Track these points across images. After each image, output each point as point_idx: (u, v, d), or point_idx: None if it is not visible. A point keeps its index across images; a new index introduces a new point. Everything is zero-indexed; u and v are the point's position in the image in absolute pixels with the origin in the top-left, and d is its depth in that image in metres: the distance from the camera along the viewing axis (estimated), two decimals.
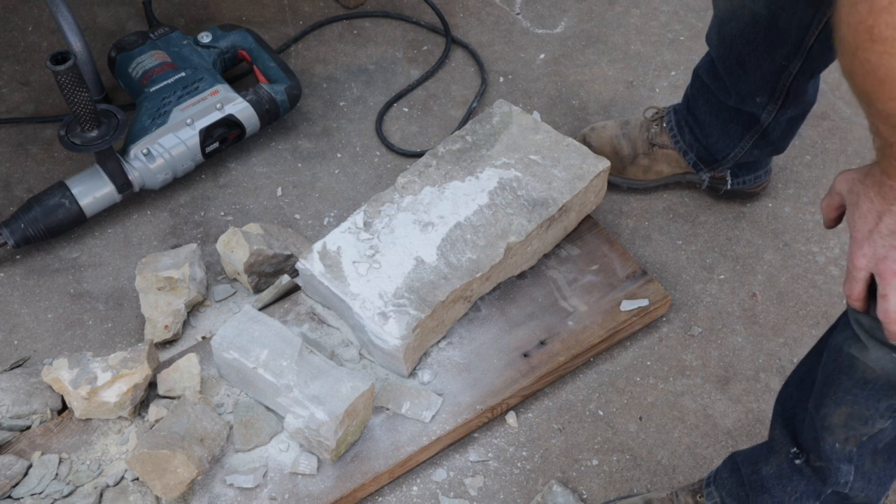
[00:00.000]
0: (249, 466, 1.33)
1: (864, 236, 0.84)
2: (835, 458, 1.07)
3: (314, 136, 1.86)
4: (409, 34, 2.07)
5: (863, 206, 0.85)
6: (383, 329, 1.35)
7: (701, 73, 1.58)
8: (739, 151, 1.60)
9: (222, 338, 1.33)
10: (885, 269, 0.83)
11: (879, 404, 0.98)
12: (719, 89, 1.54)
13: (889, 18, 0.68)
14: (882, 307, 0.85)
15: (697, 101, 1.61)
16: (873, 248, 0.84)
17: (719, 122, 1.58)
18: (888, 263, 0.83)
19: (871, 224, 0.84)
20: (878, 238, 0.83)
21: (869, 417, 0.99)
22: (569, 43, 2.06)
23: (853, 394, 0.99)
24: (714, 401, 1.50)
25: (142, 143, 1.63)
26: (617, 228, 1.71)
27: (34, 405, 1.38)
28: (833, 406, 1.02)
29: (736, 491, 1.22)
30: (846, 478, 1.08)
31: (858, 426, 1.01)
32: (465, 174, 1.53)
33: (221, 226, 1.70)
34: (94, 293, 1.60)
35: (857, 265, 0.86)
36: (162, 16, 2.05)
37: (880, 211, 0.83)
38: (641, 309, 1.51)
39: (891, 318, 0.84)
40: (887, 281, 0.83)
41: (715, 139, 1.61)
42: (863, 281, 0.87)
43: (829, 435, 1.05)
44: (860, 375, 0.97)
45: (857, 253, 0.85)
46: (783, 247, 1.70)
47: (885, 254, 0.83)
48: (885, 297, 0.84)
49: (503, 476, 1.40)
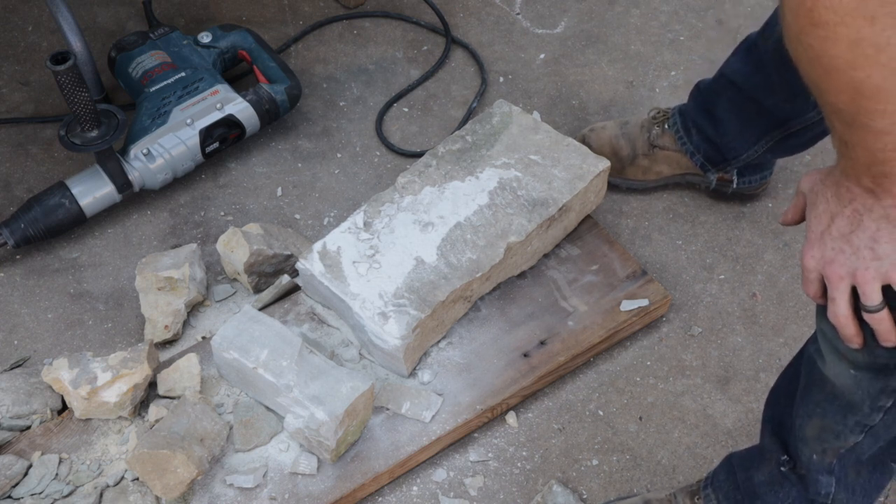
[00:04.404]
0: (249, 466, 1.33)
1: (816, 237, 0.82)
2: (814, 469, 1.05)
3: (314, 136, 1.86)
4: (409, 34, 2.07)
5: (819, 207, 0.83)
6: (383, 329, 1.35)
7: (730, 73, 1.54)
8: (754, 153, 1.59)
9: (222, 338, 1.33)
10: (831, 273, 0.81)
11: (847, 419, 0.95)
12: (759, 86, 1.48)
13: (828, 0, 0.64)
14: (831, 311, 0.83)
15: (720, 99, 1.58)
16: (822, 251, 0.82)
17: (740, 121, 1.56)
18: (835, 267, 0.81)
19: (824, 225, 0.82)
20: (829, 240, 0.81)
21: (840, 432, 0.97)
22: (569, 43, 2.06)
23: (822, 407, 0.97)
24: (714, 401, 1.50)
25: (142, 143, 1.63)
26: (617, 228, 1.71)
27: (34, 405, 1.38)
28: (806, 418, 1.01)
29: (732, 494, 1.21)
30: (827, 489, 1.06)
31: (832, 439, 0.99)
32: (465, 174, 1.53)
33: (221, 226, 1.70)
34: (94, 293, 1.60)
35: (807, 266, 0.84)
36: (162, 16, 2.05)
37: (833, 212, 0.81)
38: (641, 309, 1.51)
39: (840, 321, 0.83)
40: (834, 285, 0.82)
41: (731, 138, 1.59)
42: (816, 282, 0.85)
43: (805, 446, 1.04)
44: (829, 389, 0.95)
45: (808, 254, 0.83)
46: (783, 247, 1.70)
47: (833, 257, 0.81)
48: (834, 301, 0.82)
49: (503, 476, 1.41)
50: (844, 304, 0.82)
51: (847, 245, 0.80)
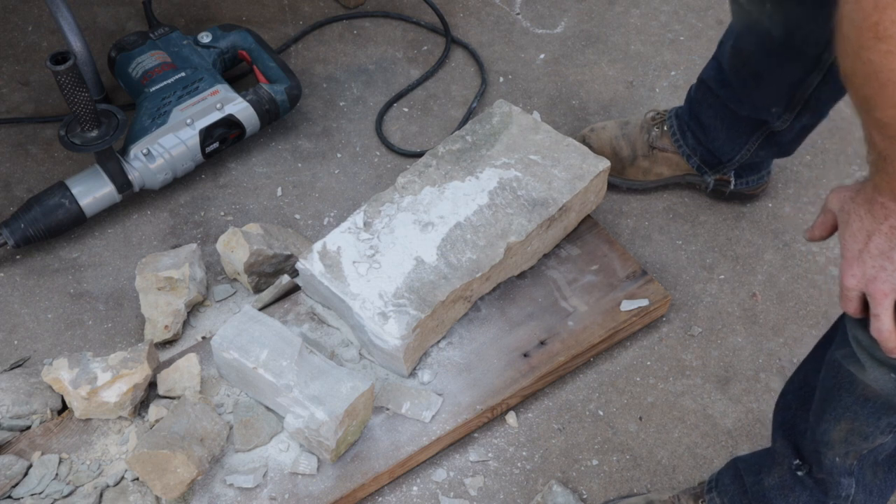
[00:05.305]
0: (249, 466, 1.33)
1: (854, 256, 0.83)
2: (836, 472, 1.06)
3: (314, 136, 1.86)
4: (409, 34, 2.07)
5: (853, 225, 0.83)
6: (383, 329, 1.35)
7: (706, 79, 1.56)
8: (745, 154, 1.59)
9: (222, 338, 1.33)
10: (875, 290, 0.82)
11: (880, 421, 0.96)
12: (729, 98, 1.52)
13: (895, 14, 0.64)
14: (875, 327, 0.83)
15: (701, 106, 1.60)
16: (863, 269, 0.82)
17: (724, 126, 1.57)
18: (878, 284, 0.81)
19: (861, 243, 0.82)
20: (868, 258, 0.81)
21: (869, 434, 0.98)
22: (569, 43, 2.06)
23: (853, 411, 0.97)
24: (714, 401, 1.50)
25: (142, 143, 1.63)
26: (617, 228, 1.71)
27: (34, 405, 1.38)
28: (833, 422, 1.01)
29: (739, 499, 1.21)
30: (847, 491, 1.07)
31: (859, 441, 1.00)
32: (465, 174, 1.53)
33: (221, 226, 1.70)
34: (94, 293, 1.60)
35: (848, 285, 0.84)
36: (162, 16, 2.05)
37: (870, 230, 0.81)
38: (641, 309, 1.51)
39: (884, 336, 0.83)
40: (878, 301, 0.82)
41: (720, 143, 1.60)
42: (856, 300, 0.85)
43: (829, 450, 1.04)
44: (860, 393, 0.95)
45: (847, 273, 0.83)
46: (783, 247, 1.70)
47: (875, 274, 0.81)
48: (878, 317, 0.83)
49: (503, 476, 1.41)
50: (889, 321, 0.82)
51: (888, 262, 0.80)
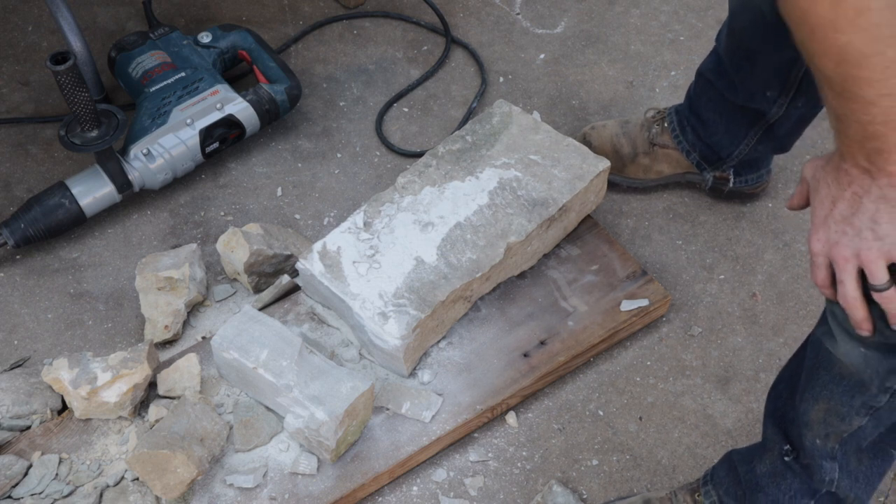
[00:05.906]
0: (249, 466, 1.33)
1: (820, 221, 0.86)
2: (817, 455, 1.06)
3: (314, 136, 1.86)
4: (409, 34, 2.07)
5: (821, 192, 0.86)
6: (383, 329, 1.35)
7: (705, 71, 1.57)
8: (744, 148, 1.60)
9: (222, 338, 1.33)
10: (837, 255, 0.84)
11: (853, 400, 0.97)
12: (726, 87, 1.53)
13: None
14: (840, 293, 0.86)
15: (701, 100, 1.61)
16: (827, 234, 0.85)
17: (723, 119, 1.58)
18: (840, 249, 0.84)
19: (827, 209, 0.85)
20: (832, 223, 0.84)
21: (846, 414, 0.99)
22: (569, 43, 2.06)
23: (829, 389, 0.99)
24: (714, 401, 1.50)
25: (142, 143, 1.63)
26: (617, 228, 1.71)
27: (34, 405, 1.38)
28: (812, 402, 1.02)
29: (733, 489, 1.22)
30: (831, 475, 1.08)
31: (836, 422, 1.01)
32: (465, 174, 1.53)
33: (221, 226, 1.70)
34: (94, 293, 1.60)
35: (814, 250, 0.87)
36: (162, 16, 2.05)
37: (835, 196, 0.84)
38: (641, 309, 1.51)
39: (849, 303, 0.85)
40: (841, 267, 0.84)
41: (719, 137, 1.61)
42: (823, 266, 0.87)
43: (808, 431, 1.05)
44: (836, 371, 0.97)
45: (813, 238, 0.86)
46: (783, 247, 1.70)
47: (838, 239, 0.84)
48: (842, 283, 0.85)
49: (503, 476, 1.41)
50: (852, 286, 0.84)
51: (849, 227, 0.82)
